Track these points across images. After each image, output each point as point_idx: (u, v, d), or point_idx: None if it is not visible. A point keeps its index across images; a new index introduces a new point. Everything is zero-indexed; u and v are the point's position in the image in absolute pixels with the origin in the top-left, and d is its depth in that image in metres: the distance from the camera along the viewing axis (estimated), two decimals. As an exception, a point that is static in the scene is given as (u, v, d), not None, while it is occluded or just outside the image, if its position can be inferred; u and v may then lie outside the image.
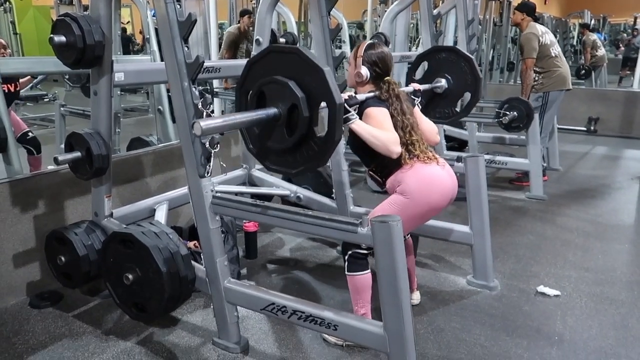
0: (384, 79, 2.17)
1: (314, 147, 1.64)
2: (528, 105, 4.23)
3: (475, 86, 2.87)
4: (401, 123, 2.10)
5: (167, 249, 2.08)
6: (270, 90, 1.66)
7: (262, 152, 1.81)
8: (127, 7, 9.66)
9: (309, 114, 1.59)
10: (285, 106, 1.62)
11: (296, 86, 1.58)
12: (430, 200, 2.06)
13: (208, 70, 2.54)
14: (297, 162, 1.71)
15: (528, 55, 4.48)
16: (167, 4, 1.85)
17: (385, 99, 2.13)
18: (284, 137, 1.67)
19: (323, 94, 1.55)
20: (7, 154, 2.76)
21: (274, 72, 1.64)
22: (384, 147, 1.98)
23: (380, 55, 2.17)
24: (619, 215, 3.93)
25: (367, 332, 1.81)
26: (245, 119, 1.63)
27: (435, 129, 2.34)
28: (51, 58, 2.29)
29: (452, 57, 2.91)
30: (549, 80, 4.52)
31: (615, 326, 2.38)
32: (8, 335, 2.27)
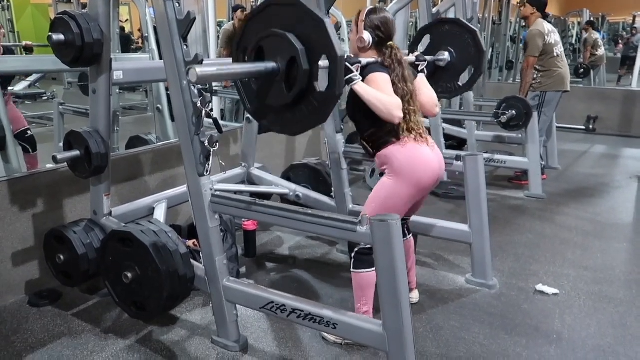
0: (386, 44, 2.12)
1: (313, 103, 1.58)
2: (526, 104, 4.23)
3: (479, 59, 2.81)
4: (401, 91, 2.04)
5: (166, 247, 2.08)
6: (268, 44, 1.60)
7: (260, 110, 1.75)
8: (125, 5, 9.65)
9: (309, 67, 1.53)
10: (284, 60, 1.57)
11: (295, 39, 1.53)
12: (418, 181, 2.06)
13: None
14: (296, 119, 1.64)
15: (531, 53, 4.44)
16: (166, 2, 1.85)
17: (388, 65, 2.08)
18: (282, 92, 1.60)
19: (323, 46, 1.50)
20: (5, 152, 2.76)
21: (273, 26, 1.59)
22: (387, 111, 1.93)
23: (382, 19, 2.11)
24: (618, 214, 3.94)
25: (366, 330, 1.81)
26: (242, 70, 1.59)
27: (434, 100, 2.29)
28: (50, 56, 2.28)
29: (455, 30, 2.84)
30: (548, 80, 4.51)
31: (613, 325, 2.38)
32: (7, 333, 2.27)
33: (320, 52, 1.51)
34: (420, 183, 2.06)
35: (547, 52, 4.46)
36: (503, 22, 8.78)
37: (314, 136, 4.85)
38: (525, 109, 4.20)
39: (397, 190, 2.06)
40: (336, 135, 2.91)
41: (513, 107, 4.23)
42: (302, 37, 1.54)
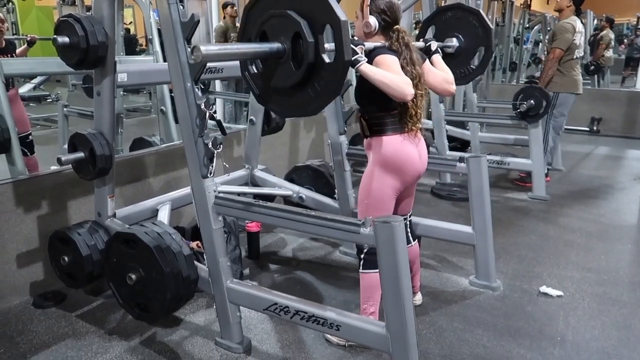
0: (393, 28, 2.08)
1: (325, 75, 1.53)
2: (544, 92, 4.15)
3: (487, 39, 2.77)
4: (410, 74, 2.00)
5: (170, 249, 2.08)
6: (270, 27, 1.59)
7: (271, 97, 1.72)
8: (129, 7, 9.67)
9: (314, 39, 1.50)
10: (288, 38, 1.55)
11: (296, 14, 1.52)
12: (398, 170, 2.09)
13: (211, 70, 2.54)
14: (310, 97, 1.59)
15: (559, 45, 4.31)
16: (170, 4, 1.86)
17: (396, 49, 2.04)
18: (291, 71, 1.57)
19: (325, 15, 1.47)
20: (10, 155, 2.76)
21: (272, 8, 1.58)
22: (398, 89, 1.86)
23: (388, 3, 2.07)
24: (622, 216, 3.92)
25: (370, 332, 1.81)
26: (247, 50, 1.57)
27: (449, 78, 2.22)
28: (54, 59, 2.29)
29: (458, 14, 2.81)
30: (561, 80, 4.42)
31: (618, 327, 2.37)
32: (12, 335, 2.28)
33: (322, 22, 1.49)
34: (401, 172, 2.09)
35: (570, 51, 4.34)
36: (506, 24, 8.76)
37: (317, 138, 4.86)
38: (542, 97, 4.13)
39: (383, 180, 2.08)
40: (339, 137, 2.92)
41: (531, 97, 4.15)
42: (303, 11, 1.52)
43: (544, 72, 4.50)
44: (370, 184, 2.11)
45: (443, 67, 2.27)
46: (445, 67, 2.28)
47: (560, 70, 4.42)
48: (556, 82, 4.44)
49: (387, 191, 2.10)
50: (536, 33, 10.06)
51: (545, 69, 4.47)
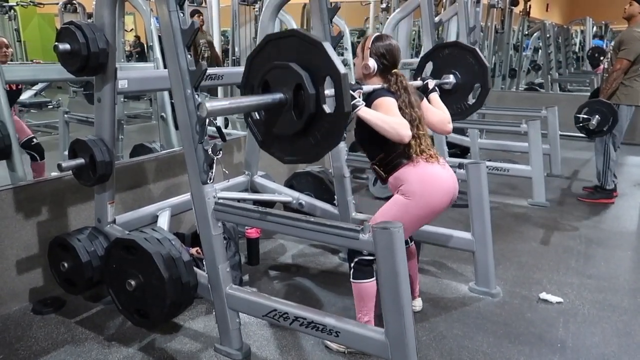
0: (391, 72, 2.14)
1: (325, 125, 1.59)
2: (610, 107, 4.03)
3: (484, 76, 2.83)
4: (409, 116, 2.06)
5: (170, 255, 2.09)
6: (273, 77, 1.64)
7: (273, 143, 1.77)
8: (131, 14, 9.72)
9: (315, 90, 1.56)
10: (290, 89, 1.60)
11: (297, 66, 1.57)
12: (432, 201, 2.05)
13: (211, 77, 2.56)
14: (311, 145, 1.65)
15: (626, 55, 4.02)
16: (171, 12, 1.88)
17: (394, 91, 2.10)
18: (293, 121, 1.63)
19: (325, 67, 1.53)
20: (10, 161, 2.77)
21: (275, 59, 1.63)
22: (395, 132, 1.91)
23: (388, 47, 2.14)
24: (622, 222, 3.92)
25: (369, 338, 1.81)
26: (251, 103, 1.61)
27: (446, 118, 2.29)
28: (55, 65, 2.31)
29: (455, 52, 2.88)
30: (624, 92, 4.14)
31: (618, 333, 2.37)
32: (11, 341, 2.28)
33: (323, 75, 1.55)
34: (433, 204, 2.06)
35: (636, 62, 4.05)
36: (506, 31, 8.80)
37: (317, 144, 4.86)
38: (611, 113, 4.02)
39: (409, 211, 2.04)
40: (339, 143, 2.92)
41: (596, 112, 4.04)
42: (304, 63, 1.58)
43: (607, 83, 4.19)
44: (394, 211, 2.06)
45: (440, 106, 2.34)
46: (443, 106, 2.34)
47: (625, 82, 4.13)
48: (617, 94, 4.17)
49: (410, 226, 2.07)
50: (535, 40, 10.10)
51: (610, 80, 4.15)
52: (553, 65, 9.30)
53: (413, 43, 8.00)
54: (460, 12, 4.49)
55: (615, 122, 4.07)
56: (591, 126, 4.09)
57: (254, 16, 6.23)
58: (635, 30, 4.07)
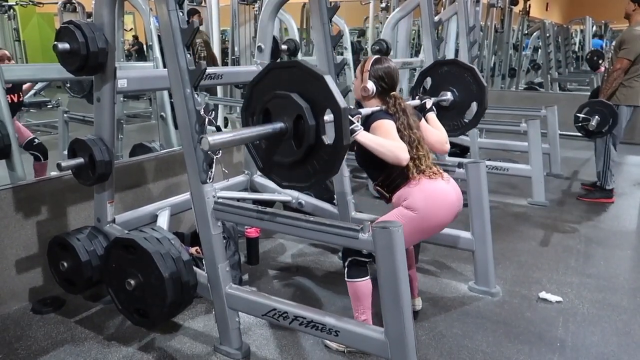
0: (389, 94, 2.18)
1: (323, 157, 1.64)
2: (610, 108, 4.01)
3: (481, 95, 2.87)
4: (408, 137, 2.09)
5: (169, 254, 2.09)
6: (274, 106, 1.68)
7: (272, 169, 1.82)
8: (130, 14, 9.72)
9: (315, 122, 1.60)
10: (290, 119, 1.64)
11: (299, 97, 1.60)
12: (436, 216, 2.06)
13: (210, 76, 2.55)
14: (308, 174, 1.71)
15: (627, 55, 3.97)
16: (170, 11, 1.87)
17: (393, 113, 2.13)
18: (292, 150, 1.68)
19: (326, 101, 1.56)
20: (10, 160, 2.77)
21: (276, 88, 1.66)
22: (392, 155, 1.95)
23: (386, 70, 2.17)
24: (621, 222, 3.93)
25: (369, 338, 1.81)
26: (252, 134, 1.65)
27: (444, 138, 2.35)
28: (55, 65, 2.30)
29: (454, 70, 2.93)
30: (624, 93, 4.10)
31: (617, 332, 2.37)
32: (10, 340, 2.28)
33: (324, 107, 1.58)
34: (437, 219, 2.07)
35: (636, 61, 4.00)
36: (505, 30, 8.81)
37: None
38: (611, 114, 4.00)
39: (412, 224, 2.03)
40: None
41: (596, 112, 4.02)
42: (305, 94, 1.61)
43: (607, 83, 4.15)
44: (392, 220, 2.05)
45: (438, 126, 2.38)
46: (440, 126, 2.39)
47: (625, 82, 4.09)
48: (616, 94, 4.13)
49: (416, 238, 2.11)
50: (535, 39, 10.10)
51: (610, 80, 4.11)
52: (553, 64, 9.29)
53: (413, 42, 8.00)
54: (459, 11, 4.48)
55: (615, 124, 4.06)
56: (590, 127, 4.08)
57: (253, 15, 6.22)
58: (636, 29, 4.03)
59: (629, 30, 4.08)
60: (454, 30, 5.67)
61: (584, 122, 4.12)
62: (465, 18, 4.46)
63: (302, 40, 7.73)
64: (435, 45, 4.02)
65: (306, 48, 8.16)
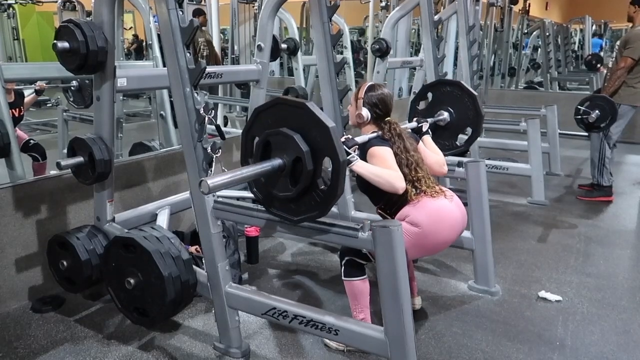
0: (384, 120, 2.18)
1: (316, 198, 1.68)
2: (611, 104, 4.02)
3: (477, 122, 2.90)
4: (406, 161, 2.09)
5: (169, 253, 2.08)
6: (276, 140, 1.69)
7: (267, 198, 1.85)
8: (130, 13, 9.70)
9: (313, 167, 1.63)
10: (289, 157, 1.66)
11: (301, 140, 1.62)
12: (439, 234, 2.05)
13: (210, 75, 2.55)
14: (299, 210, 1.76)
15: (631, 54, 3.99)
16: (170, 10, 1.87)
17: (388, 138, 2.13)
18: (287, 186, 1.71)
19: (327, 150, 1.59)
20: (9, 159, 2.77)
21: (281, 122, 1.68)
22: (388, 185, 1.97)
23: (380, 96, 2.19)
24: (621, 221, 3.93)
25: (368, 337, 1.81)
26: (251, 173, 1.66)
27: (441, 161, 2.35)
28: (54, 64, 2.30)
29: (456, 92, 2.94)
30: (626, 92, 4.12)
31: (617, 332, 2.37)
32: (10, 339, 2.28)
33: (324, 154, 1.61)
34: (441, 237, 2.06)
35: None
36: (505, 29, 8.80)
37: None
38: (610, 110, 4.02)
39: (417, 242, 2.02)
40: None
41: (597, 107, 4.04)
42: (308, 138, 1.62)
43: (610, 81, 4.18)
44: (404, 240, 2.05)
45: (434, 149, 2.40)
46: (436, 149, 2.41)
47: (628, 81, 4.11)
48: (619, 93, 4.15)
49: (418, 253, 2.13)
50: (535, 38, 10.10)
51: (613, 79, 4.14)
52: (552, 63, 9.30)
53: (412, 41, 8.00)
54: (459, 10, 4.48)
55: (613, 121, 4.07)
56: (590, 119, 4.08)
57: (253, 14, 6.23)
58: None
59: (635, 30, 4.08)
60: (453, 29, 5.68)
61: (584, 115, 4.12)
62: (465, 17, 4.46)
63: (302, 39, 7.72)
64: (435, 44, 4.01)
65: (306, 47, 8.15)
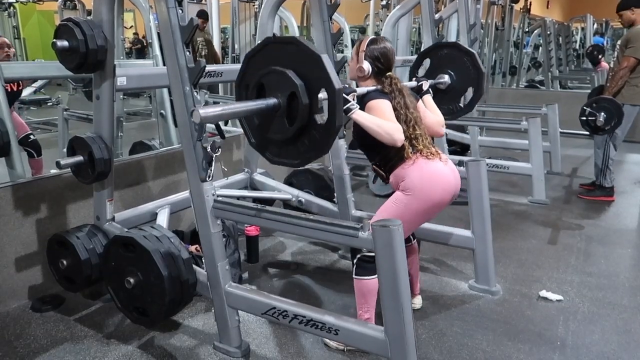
0: (385, 74, 2.15)
1: (315, 136, 1.62)
2: (616, 105, 3.98)
3: (478, 80, 2.83)
4: (404, 117, 2.07)
5: (169, 253, 2.08)
6: (269, 81, 1.65)
7: (263, 144, 1.80)
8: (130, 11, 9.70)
9: (309, 101, 1.58)
10: (284, 95, 1.61)
11: (294, 75, 1.58)
12: (433, 197, 2.04)
13: (210, 74, 2.55)
14: (299, 152, 1.69)
15: (633, 53, 3.95)
16: (169, 9, 1.87)
17: (388, 93, 2.10)
18: (284, 127, 1.65)
19: (322, 81, 1.54)
20: (9, 158, 2.77)
21: (273, 63, 1.64)
22: (388, 136, 1.94)
23: (382, 50, 2.14)
24: (622, 220, 3.92)
25: (368, 336, 1.81)
26: (244, 108, 1.62)
27: (441, 121, 2.32)
28: (54, 62, 2.30)
29: (454, 53, 2.88)
30: (629, 92, 4.07)
31: (617, 331, 2.37)
32: (10, 338, 2.28)
33: (319, 86, 1.56)
34: (433, 199, 2.05)
35: None
36: (506, 28, 8.78)
37: (317, 142, 4.85)
38: (616, 112, 3.98)
39: (410, 207, 2.04)
40: (338, 140, 2.92)
41: (602, 110, 4.00)
42: (301, 72, 1.59)
43: (612, 81, 4.14)
44: (394, 207, 2.06)
45: (434, 109, 2.36)
46: (436, 109, 2.37)
47: (631, 81, 4.06)
48: (622, 93, 4.10)
49: (410, 224, 2.08)
50: (536, 37, 10.08)
51: (615, 79, 4.09)
52: (553, 62, 9.28)
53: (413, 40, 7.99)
54: (460, 9, 4.47)
55: (619, 124, 4.05)
56: (598, 123, 4.03)
57: (253, 13, 6.22)
58: None
59: (635, 29, 4.06)
60: (454, 28, 5.66)
61: (589, 117, 4.08)
62: (466, 16, 4.45)
63: (303, 38, 7.70)
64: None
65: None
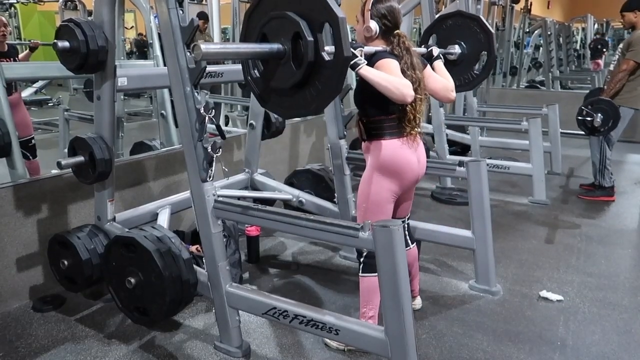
0: (394, 33, 2.09)
1: (325, 73, 1.54)
2: (614, 107, 3.99)
3: (489, 43, 2.76)
4: (410, 78, 2.00)
5: (169, 253, 2.09)
6: (270, 29, 1.60)
7: (270, 97, 1.73)
8: (131, 12, 9.71)
9: (313, 37, 1.51)
10: (288, 39, 1.56)
11: (295, 15, 1.53)
12: (396, 173, 2.08)
13: (210, 75, 2.55)
14: (311, 96, 1.60)
15: (634, 57, 3.96)
16: (170, 9, 1.87)
17: (397, 54, 2.05)
18: (292, 71, 1.58)
19: (322, 13, 1.49)
20: (10, 158, 2.77)
21: (272, 11, 1.60)
22: (399, 92, 1.86)
23: (388, 7, 2.07)
24: (622, 220, 3.92)
25: (369, 336, 1.81)
26: (247, 50, 1.58)
27: (450, 86, 2.24)
28: (55, 63, 2.30)
29: (459, 21, 2.82)
30: (627, 94, 4.08)
31: (618, 331, 2.37)
32: (11, 338, 2.28)
33: (321, 21, 1.50)
34: (399, 176, 2.08)
35: None
36: (507, 28, 8.77)
37: (317, 142, 4.86)
38: (613, 114, 3.98)
39: (381, 183, 2.08)
40: (339, 141, 2.92)
41: (600, 111, 4.00)
42: (302, 12, 1.53)
43: (611, 83, 4.14)
44: (368, 187, 2.11)
45: (444, 74, 2.29)
46: (447, 74, 2.29)
47: (629, 84, 4.07)
48: (620, 95, 4.10)
49: (385, 195, 2.10)
50: (536, 37, 10.07)
51: (614, 81, 4.10)
52: (554, 62, 9.27)
53: (414, 40, 7.99)
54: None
55: (615, 126, 4.06)
56: (596, 123, 4.03)
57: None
58: None
59: (637, 32, 4.05)
60: (455, 28, 5.65)
61: (587, 117, 4.09)
62: (467, 16, 4.44)
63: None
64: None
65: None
